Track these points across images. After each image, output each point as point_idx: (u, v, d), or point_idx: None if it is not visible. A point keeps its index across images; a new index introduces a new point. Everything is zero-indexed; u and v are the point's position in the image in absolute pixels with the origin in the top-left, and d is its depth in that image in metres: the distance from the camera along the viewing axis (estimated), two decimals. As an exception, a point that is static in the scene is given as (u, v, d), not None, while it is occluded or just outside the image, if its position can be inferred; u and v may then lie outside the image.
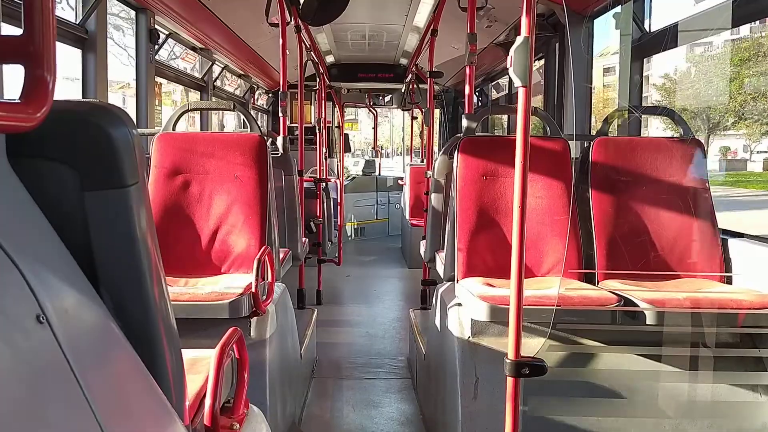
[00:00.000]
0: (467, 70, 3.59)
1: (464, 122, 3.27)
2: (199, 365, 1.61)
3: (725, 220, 3.00)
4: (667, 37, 3.51)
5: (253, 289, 2.56)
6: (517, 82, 1.88)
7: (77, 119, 1.02)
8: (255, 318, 2.66)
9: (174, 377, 1.16)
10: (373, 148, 12.85)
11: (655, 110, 3.84)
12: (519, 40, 1.86)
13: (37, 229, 0.93)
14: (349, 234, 10.23)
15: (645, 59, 3.94)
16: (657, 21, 3.86)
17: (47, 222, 0.95)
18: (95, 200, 1.02)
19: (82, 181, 1.00)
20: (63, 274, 0.94)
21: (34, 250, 0.88)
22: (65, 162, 0.99)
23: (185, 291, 2.61)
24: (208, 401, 1.37)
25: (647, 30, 3.86)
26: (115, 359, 1.02)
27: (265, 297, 2.71)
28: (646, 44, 3.86)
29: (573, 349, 2.54)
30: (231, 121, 8.26)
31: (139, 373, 1.06)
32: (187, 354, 1.63)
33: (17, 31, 0.83)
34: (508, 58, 1.88)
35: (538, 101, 5.27)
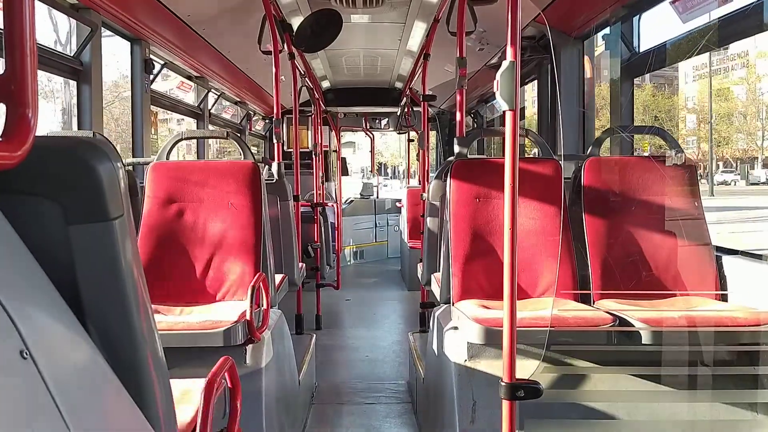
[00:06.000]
0: (458, 94, 3.62)
1: (456, 145, 3.29)
2: (191, 395, 1.61)
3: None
4: (652, 58, 3.55)
5: (248, 317, 2.55)
6: (503, 106, 1.90)
7: (61, 154, 1.03)
8: (250, 345, 2.64)
9: (163, 409, 1.16)
10: (371, 171, 12.88)
11: (645, 130, 3.86)
12: (505, 64, 1.89)
13: (21, 264, 0.93)
14: (348, 257, 10.21)
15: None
16: (645, 41, 3.91)
17: (31, 256, 0.95)
18: (80, 234, 1.02)
19: (66, 215, 1.01)
20: (47, 308, 0.94)
21: (17, 285, 0.89)
22: (49, 196, 1.00)
23: (180, 320, 2.60)
24: None
25: (636, 50, 3.90)
26: (101, 393, 1.02)
27: (260, 324, 2.71)
28: (635, 64, 3.89)
29: (569, 370, 2.53)
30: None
31: (126, 407, 1.06)
32: (179, 384, 1.62)
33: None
34: (494, 82, 1.90)
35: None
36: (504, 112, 1.92)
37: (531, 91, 5.37)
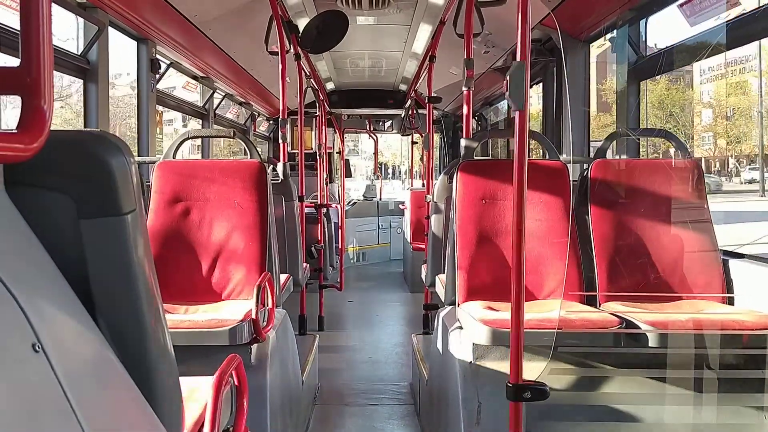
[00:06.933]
0: (465, 95, 3.62)
1: (462, 146, 3.29)
2: (199, 393, 1.61)
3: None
4: (662, 60, 3.55)
5: (253, 316, 2.55)
6: (513, 106, 1.90)
7: (74, 148, 1.03)
8: (255, 345, 2.64)
9: (171, 405, 1.16)
10: (374, 173, 12.90)
11: (653, 132, 3.86)
12: (515, 64, 1.88)
13: (34, 257, 0.93)
14: (351, 259, 10.21)
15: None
16: (653, 44, 3.90)
17: (44, 250, 0.95)
18: (92, 228, 1.02)
19: (78, 209, 1.01)
20: (59, 302, 0.94)
21: (30, 278, 0.88)
22: (62, 190, 1.00)
23: (185, 318, 2.60)
24: (206, 429, 1.36)
25: (643, 53, 3.90)
26: (111, 387, 1.02)
27: (265, 323, 2.70)
28: (642, 67, 3.89)
29: (575, 372, 2.52)
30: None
31: (136, 402, 1.05)
32: (187, 382, 1.62)
33: (15, 62, 0.84)
34: (505, 82, 1.90)
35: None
36: (513, 112, 1.92)
37: (536, 88, 5.37)
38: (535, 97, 5.57)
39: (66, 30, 3.72)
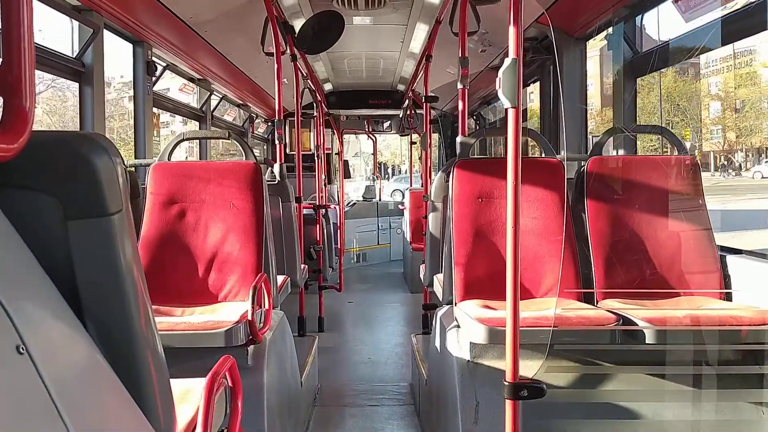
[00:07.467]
0: (460, 94, 3.61)
1: (459, 145, 3.28)
2: (192, 395, 1.60)
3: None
4: (656, 57, 3.54)
5: (249, 317, 2.54)
6: (506, 103, 1.89)
7: (59, 148, 1.02)
8: (252, 346, 2.64)
9: (162, 408, 1.15)
10: (373, 174, 12.89)
11: (648, 129, 3.85)
12: (507, 61, 1.88)
13: (18, 258, 0.92)
14: (351, 260, 10.20)
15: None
16: (648, 41, 3.90)
17: (29, 251, 0.95)
18: (78, 229, 1.01)
19: (64, 209, 1.00)
20: (45, 303, 0.93)
21: (14, 280, 0.88)
22: (47, 191, 0.99)
23: (181, 320, 2.59)
24: (198, 430, 1.35)
25: (639, 50, 3.90)
26: (99, 390, 1.01)
27: (261, 325, 2.70)
28: (638, 64, 3.88)
29: (572, 369, 2.51)
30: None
31: (125, 405, 1.05)
32: (180, 383, 1.61)
33: None
34: (497, 79, 1.89)
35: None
36: (506, 110, 1.91)
37: (535, 86, 5.36)
38: (536, 93, 5.56)
39: (61, 32, 3.72)
